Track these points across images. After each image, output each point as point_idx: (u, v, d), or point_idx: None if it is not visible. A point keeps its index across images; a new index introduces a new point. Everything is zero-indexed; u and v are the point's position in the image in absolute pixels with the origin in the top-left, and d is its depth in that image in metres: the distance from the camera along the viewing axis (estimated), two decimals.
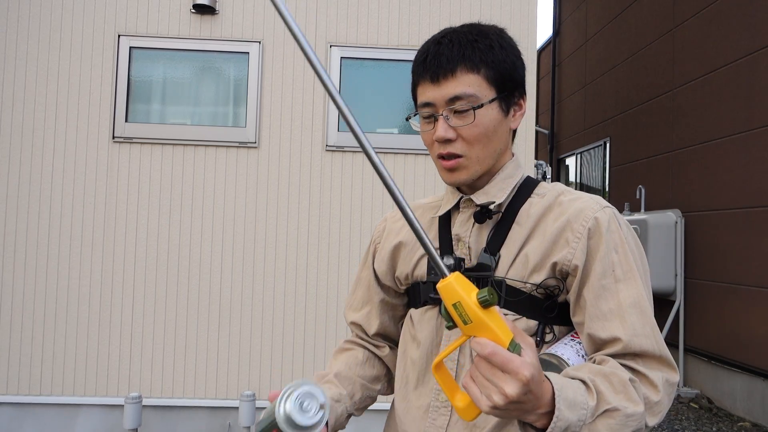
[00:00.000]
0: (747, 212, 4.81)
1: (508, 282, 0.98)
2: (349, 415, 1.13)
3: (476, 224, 1.04)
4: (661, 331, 5.39)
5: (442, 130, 0.98)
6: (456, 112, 0.98)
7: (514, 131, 1.09)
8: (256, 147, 3.68)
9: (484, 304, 0.73)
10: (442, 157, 1.01)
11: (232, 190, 3.67)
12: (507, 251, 1.00)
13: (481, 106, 0.97)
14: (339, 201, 3.69)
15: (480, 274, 0.99)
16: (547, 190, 1.05)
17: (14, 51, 3.61)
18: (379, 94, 3.84)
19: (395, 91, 3.80)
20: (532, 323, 0.98)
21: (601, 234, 0.94)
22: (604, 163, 7.70)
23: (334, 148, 3.70)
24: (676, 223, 5.49)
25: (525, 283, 0.98)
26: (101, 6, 3.66)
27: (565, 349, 0.94)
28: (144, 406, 3.51)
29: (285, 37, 3.73)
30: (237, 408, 3.52)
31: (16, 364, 3.55)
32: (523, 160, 3.58)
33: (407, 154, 3.72)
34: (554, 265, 0.97)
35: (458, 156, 1.00)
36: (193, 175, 3.66)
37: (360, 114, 3.79)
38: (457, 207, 1.09)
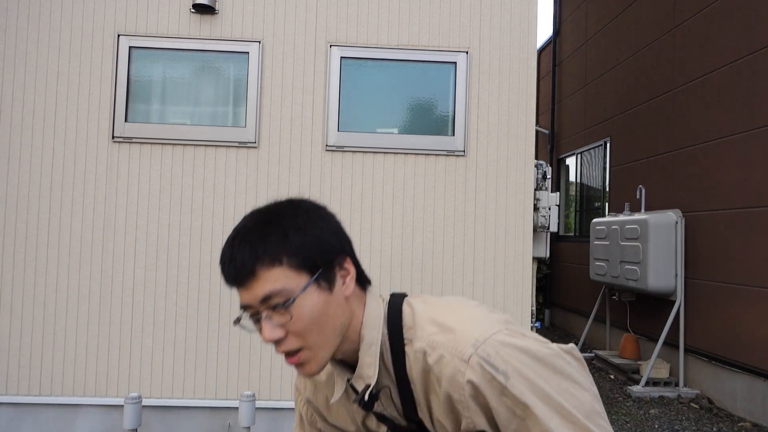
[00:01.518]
0: (747, 212, 4.81)
1: None
2: None
3: (381, 393, 1.05)
4: (662, 331, 5.44)
5: (267, 332, 0.95)
6: (274, 308, 0.94)
7: (364, 283, 1.06)
8: (256, 147, 3.68)
9: None
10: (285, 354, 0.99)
11: (232, 190, 3.67)
12: (422, 414, 1.02)
13: (295, 299, 0.93)
14: (339, 201, 3.69)
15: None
16: (412, 333, 1.02)
17: (14, 51, 3.61)
18: (379, 94, 3.84)
19: (395, 91, 3.80)
20: None
21: (482, 393, 0.92)
22: (604, 163, 7.70)
23: (334, 148, 3.70)
24: (676, 223, 5.49)
25: None
26: (101, 6, 3.66)
27: None
28: (144, 406, 3.51)
29: (285, 37, 3.73)
30: (237, 408, 3.53)
31: (16, 364, 3.55)
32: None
33: (407, 154, 3.72)
34: (467, 430, 0.97)
35: (297, 351, 0.97)
36: (193, 175, 3.66)
37: (360, 114, 3.79)
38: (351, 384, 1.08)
